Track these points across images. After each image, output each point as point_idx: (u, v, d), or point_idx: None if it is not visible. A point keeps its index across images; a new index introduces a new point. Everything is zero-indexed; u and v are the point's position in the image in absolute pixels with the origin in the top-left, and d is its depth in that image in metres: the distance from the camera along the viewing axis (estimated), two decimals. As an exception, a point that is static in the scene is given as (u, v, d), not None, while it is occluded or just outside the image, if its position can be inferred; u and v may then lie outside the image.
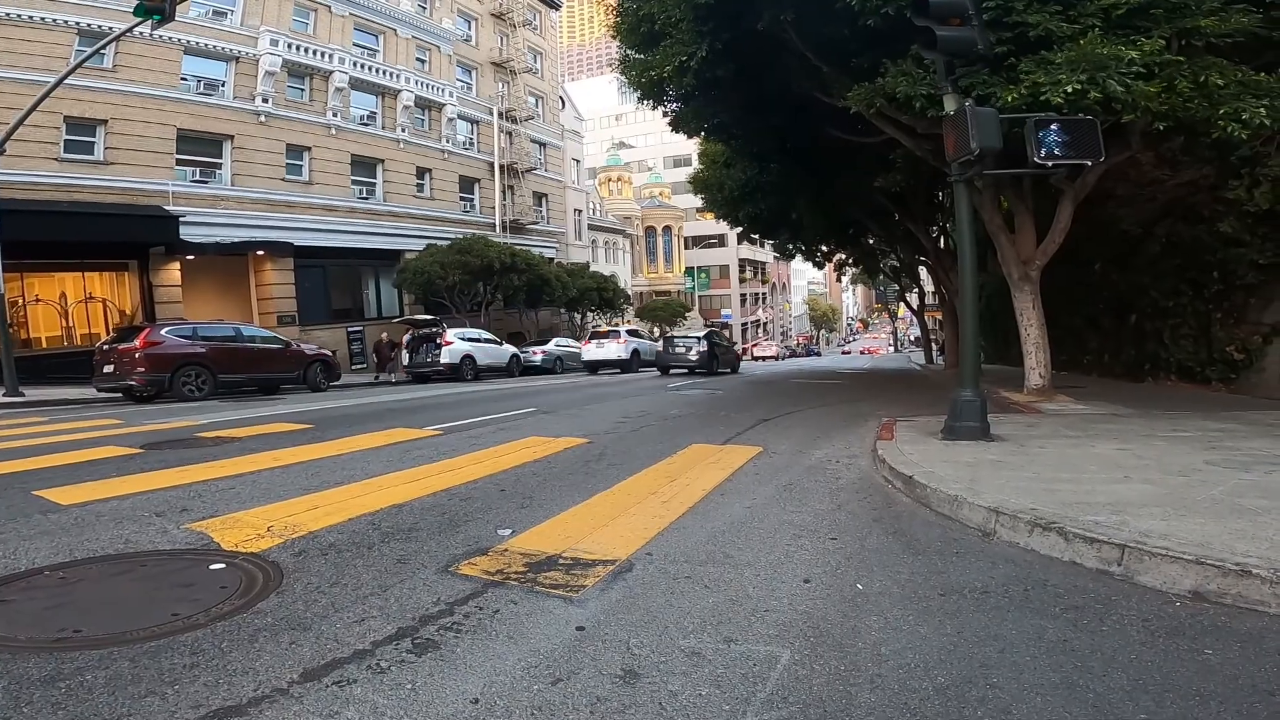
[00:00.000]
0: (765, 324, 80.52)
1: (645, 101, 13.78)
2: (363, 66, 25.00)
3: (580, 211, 43.01)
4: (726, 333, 59.43)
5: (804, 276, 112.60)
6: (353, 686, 1.90)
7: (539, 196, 35.77)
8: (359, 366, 22.39)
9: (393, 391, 14.72)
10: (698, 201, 67.42)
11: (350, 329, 23.11)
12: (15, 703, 1.79)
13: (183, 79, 19.90)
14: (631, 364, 22.09)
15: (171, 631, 2.24)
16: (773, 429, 7.21)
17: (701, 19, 9.16)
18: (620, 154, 61.27)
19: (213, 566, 2.95)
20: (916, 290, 36.75)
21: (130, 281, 18.66)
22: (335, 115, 23.98)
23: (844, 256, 35.20)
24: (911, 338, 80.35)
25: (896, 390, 14.09)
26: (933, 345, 35.98)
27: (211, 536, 3.35)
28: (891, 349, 73.82)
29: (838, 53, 8.85)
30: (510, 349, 21.49)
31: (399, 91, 26.31)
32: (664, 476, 4.77)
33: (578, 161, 43.34)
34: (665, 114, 14.08)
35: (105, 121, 18.00)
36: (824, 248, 32.89)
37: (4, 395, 12.30)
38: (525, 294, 25.92)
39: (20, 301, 16.91)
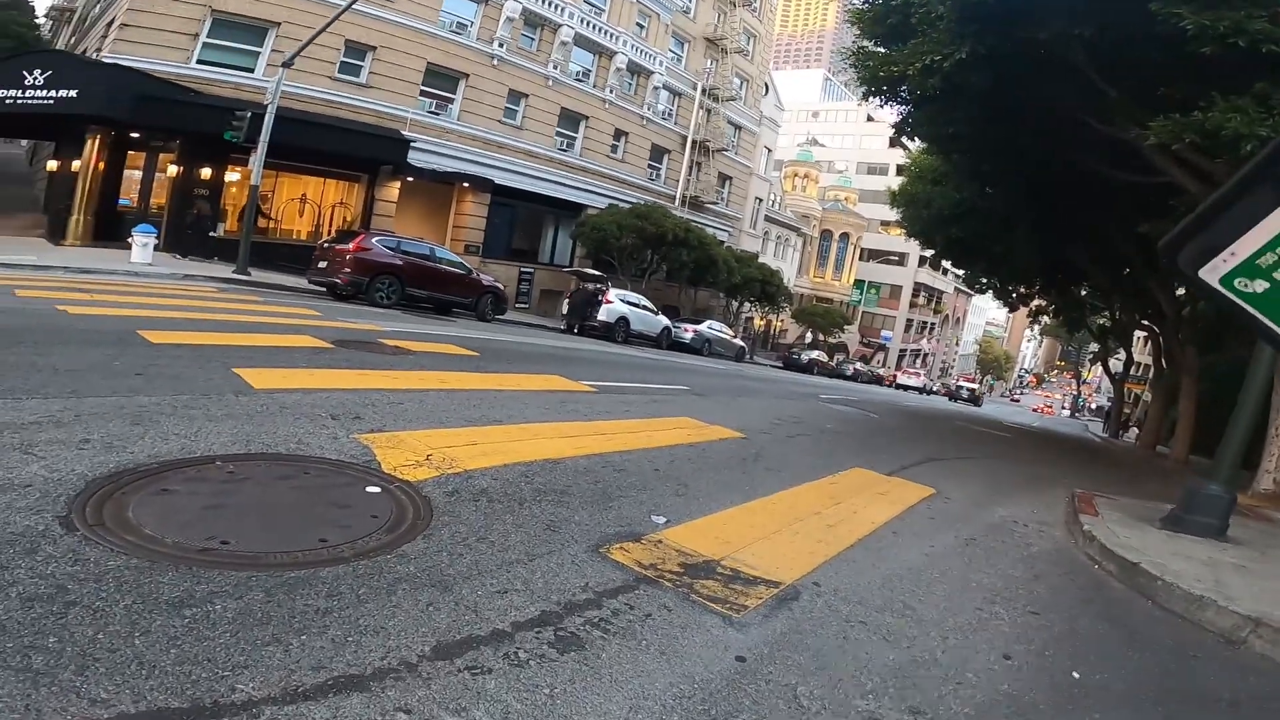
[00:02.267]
0: (926, 355, 75.10)
1: (870, 98, 12.89)
2: (588, 24, 25.73)
3: (760, 201, 42.01)
4: (881, 356, 56.11)
5: (983, 315, 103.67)
6: (486, 678, 1.71)
7: (723, 178, 35.30)
8: (523, 306, 23.46)
9: (548, 337, 15.17)
10: (884, 213, 64.13)
11: (523, 269, 24.23)
12: (130, 631, 1.61)
13: (443, 15, 21.56)
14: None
15: (315, 562, 2.16)
16: (942, 471, 6.42)
17: (967, 19, 8.17)
18: (812, 150, 58.90)
19: (369, 489, 2.94)
20: (1120, 356, 32.34)
21: (358, 192, 20.68)
22: (555, 67, 24.93)
23: (1043, 303, 31.59)
24: (1093, 405, 71.30)
25: (1078, 460, 12.33)
26: (1123, 418, 31.69)
27: (375, 453, 3.38)
28: (1067, 413, 66.01)
29: (1136, 78, 7.57)
30: (664, 320, 21.46)
31: (615, 53, 26.86)
32: (826, 497, 4.31)
33: (769, 150, 42.20)
34: (888, 116, 13.03)
35: (375, 48, 19.90)
36: (1022, 289, 29.75)
37: (234, 272, 14.07)
38: (691, 270, 25.74)
39: (270, 196, 19.35)
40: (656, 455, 4.50)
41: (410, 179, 20.72)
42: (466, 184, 22.32)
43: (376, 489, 2.95)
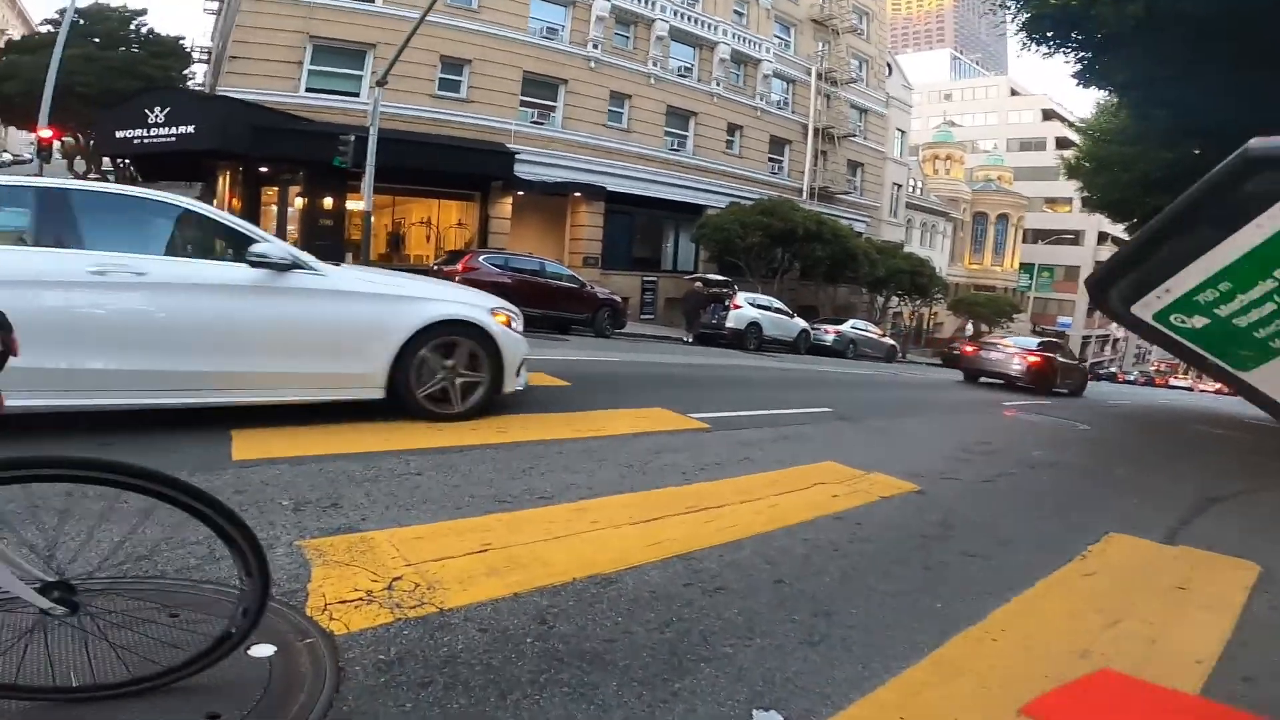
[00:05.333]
0: (1116, 340, 65.34)
1: (1031, 45, 10.49)
2: (683, 16, 24.49)
3: (899, 186, 38.23)
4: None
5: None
6: None
7: (854, 165, 32.35)
8: (647, 317, 22.35)
9: (670, 351, 13.80)
10: (1049, 190, 57.23)
11: (645, 278, 23.04)
12: None
13: (531, 21, 21.22)
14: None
15: None
16: (1242, 521, 4.19)
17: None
18: (951, 131, 53.27)
19: (255, 651, 1.65)
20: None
21: (474, 211, 20.69)
22: (655, 65, 23.89)
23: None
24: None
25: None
26: None
27: (313, 572, 2.11)
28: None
29: None
30: (800, 323, 19.40)
31: (715, 44, 25.36)
32: (1086, 602, 2.50)
33: (902, 132, 38.30)
34: (1065, 60, 10.49)
35: (470, 61, 19.80)
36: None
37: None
38: (827, 266, 23.37)
39: (402, 222, 19.74)
40: (782, 545, 2.88)
41: (522, 193, 20.36)
42: (578, 194, 21.65)
43: (266, 651, 1.66)
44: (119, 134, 16.30)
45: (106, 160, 23.91)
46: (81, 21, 22.85)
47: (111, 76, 22.09)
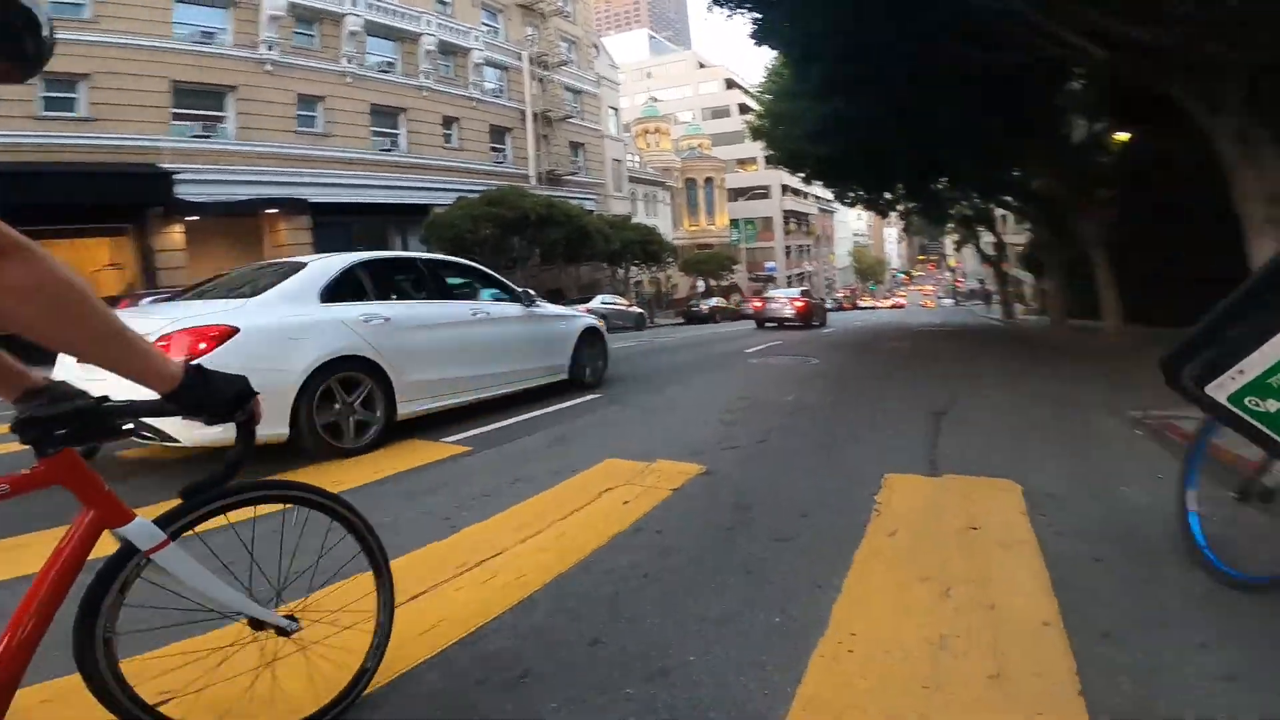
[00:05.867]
0: (809, 275, 76.81)
1: (714, 5, 11.36)
2: (377, 8, 22.49)
3: (619, 162, 40.01)
4: (770, 285, 56.45)
5: (847, 229, 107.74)
6: None
7: (575, 146, 33.00)
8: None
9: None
10: (739, 153, 64.56)
11: (376, 293, 21.02)
12: None
13: (176, 27, 17.67)
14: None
15: None
16: (972, 434, 4.73)
17: None
18: (656, 105, 57.33)
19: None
20: (989, 240, 33.58)
21: (128, 247, 16.79)
22: (350, 62, 21.64)
23: (910, 205, 31.87)
24: (962, 290, 75.58)
25: (1027, 355, 11.36)
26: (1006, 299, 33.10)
27: None
28: (950, 301, 69.66)
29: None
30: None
31: (419, 35, 23.85)
32: (906, 569, 2.38)
33: (615, 110, 40.07)
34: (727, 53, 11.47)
35: (87, 76, 16.02)
36: (887, 195, 29.74)
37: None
38: (565, 248, 23.51)
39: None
40: (582, 588, 2.34)
41: (193, 217, 17.04)
42: (273, 210, 18.81)
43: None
44: None
45: None
46: None
47: None
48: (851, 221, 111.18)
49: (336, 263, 4.96)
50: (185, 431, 3.66)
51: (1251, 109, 7.19)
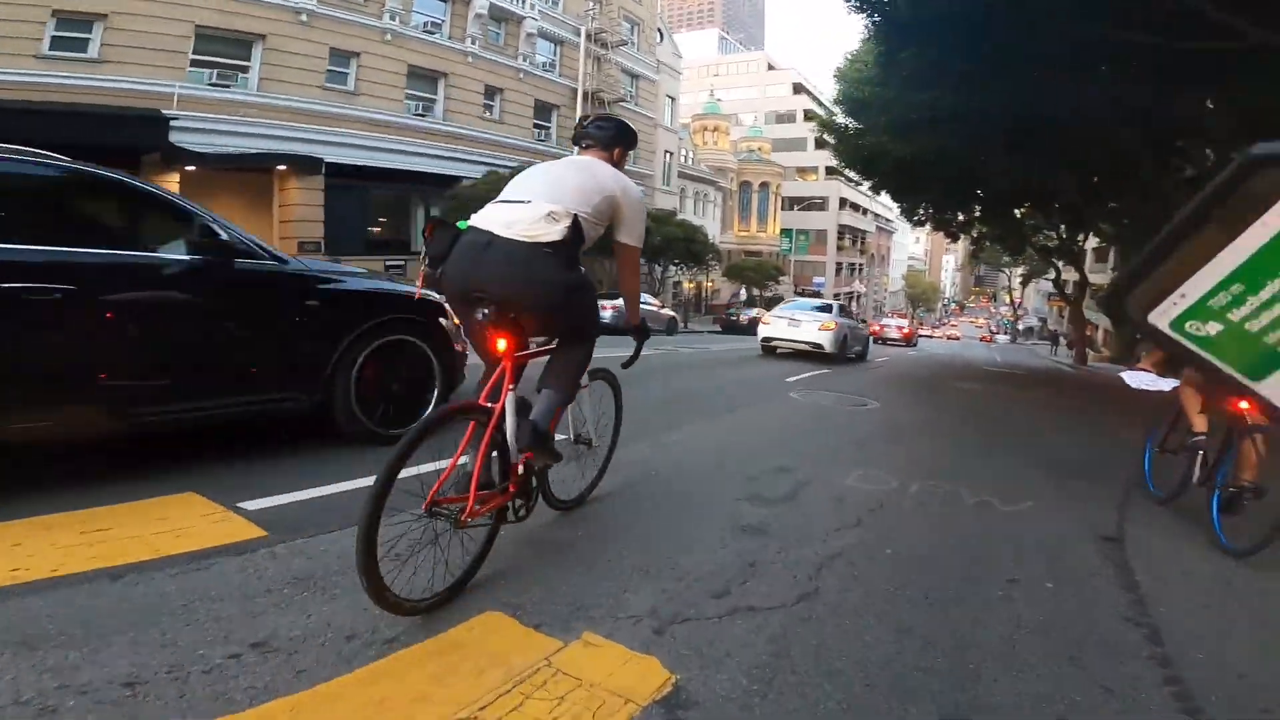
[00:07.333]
0: (860, 296, 73.68)
1: None
2: None
3: (671, 154, 38.04)
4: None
5: (904, 250, 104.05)
6: None
7: (626, 132, 31.20)
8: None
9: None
10: (800, 160, 62.00)
11: (390, 262, 19.40)
12: None
13: None
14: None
15: None
16: (1210, 602, 2.66)
17: None
18: (719, 104, 55.16)
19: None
20: (1049, 276, 30.74)
21: (125, 194, 15.60)
22: (394, 19, 20.17)
23: (984, 230, 29.23)
24: (1020, 327, 71.10)
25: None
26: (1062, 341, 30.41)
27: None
28: (1006, 338, 65.73)
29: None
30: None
31: (471, -3, 22.27)
32: None
33: (673, 99, 38.10)
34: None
35: (104, 16, 14.99)
36: (960, 216, 27.20)
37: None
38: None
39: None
40: None
41: (192, 167, 15.69)
42: (283, 165, 17.37)
43: None
44: None
45: None
46: None
47: None
48: (910, 244, 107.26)
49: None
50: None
51: None
